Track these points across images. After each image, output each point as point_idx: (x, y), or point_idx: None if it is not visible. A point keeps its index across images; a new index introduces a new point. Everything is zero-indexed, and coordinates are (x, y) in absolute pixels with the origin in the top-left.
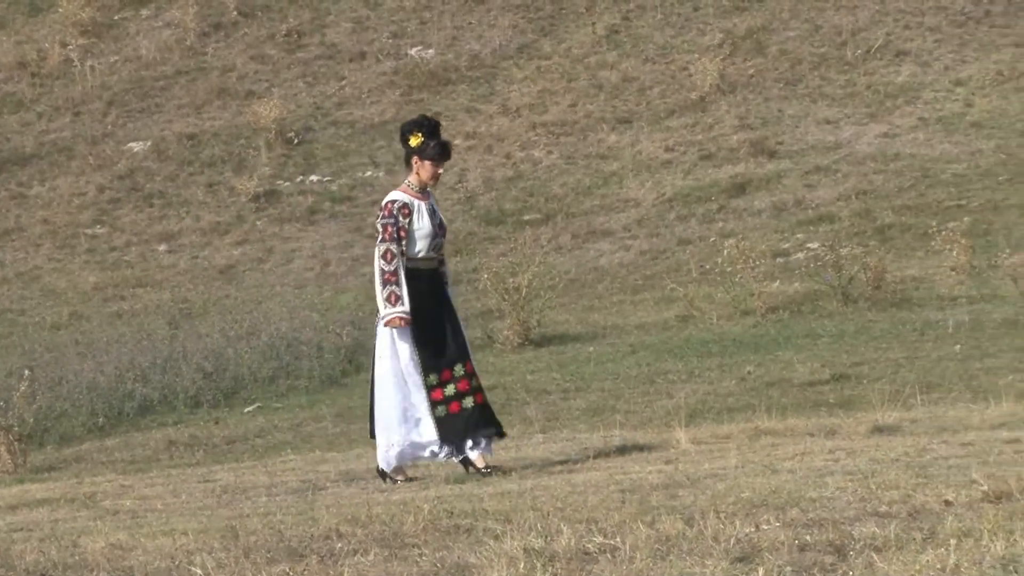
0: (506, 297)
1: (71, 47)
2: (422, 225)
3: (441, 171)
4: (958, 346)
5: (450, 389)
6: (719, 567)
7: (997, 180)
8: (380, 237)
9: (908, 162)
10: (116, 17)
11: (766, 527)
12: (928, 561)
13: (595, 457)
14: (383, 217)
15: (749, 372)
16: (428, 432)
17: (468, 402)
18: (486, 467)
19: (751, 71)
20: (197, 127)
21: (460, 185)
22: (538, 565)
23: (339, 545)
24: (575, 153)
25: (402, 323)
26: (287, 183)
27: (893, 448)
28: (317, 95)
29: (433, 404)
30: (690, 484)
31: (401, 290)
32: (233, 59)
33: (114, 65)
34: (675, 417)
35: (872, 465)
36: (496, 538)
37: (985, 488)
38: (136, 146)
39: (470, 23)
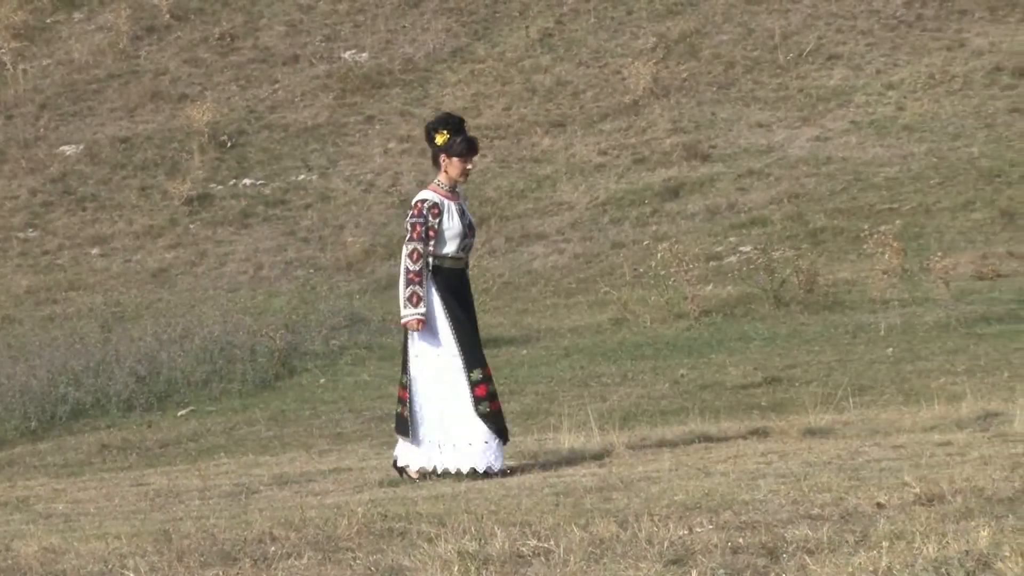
0: None
1: (3, 50)
2: (452, 225)
3: (470, 167)
4: (890, 349)
5: (492, 386)
6: (653, 570)
7: (928, 183)
8: (408, 236)
9: (840, 165)
10: (48, 20)
11: (699, 530)
12: (860, 563)
13: (529, 460)
14: (413, 216)
15: (682, 375)
16: (479, 432)
17: (499, 402)
18: (506, 467)
19: (684, 75)
20: (130, 130)
21: (394, 188)
22: (472, 568)
23: (272, 548)
24: (509, 157)
25: (419, 325)
26: (220, 186)
27: (825, 451)
28: (250, 98)
29: (477, 401)
30: (624, 487)
31: (423, 291)
32: (166, 62)
33: (46, 68)
34: (609, 420)
35: (804, 468)
36: (430, 541)
37: (917, 490)
38: (69, 149)
39: (404, 27)
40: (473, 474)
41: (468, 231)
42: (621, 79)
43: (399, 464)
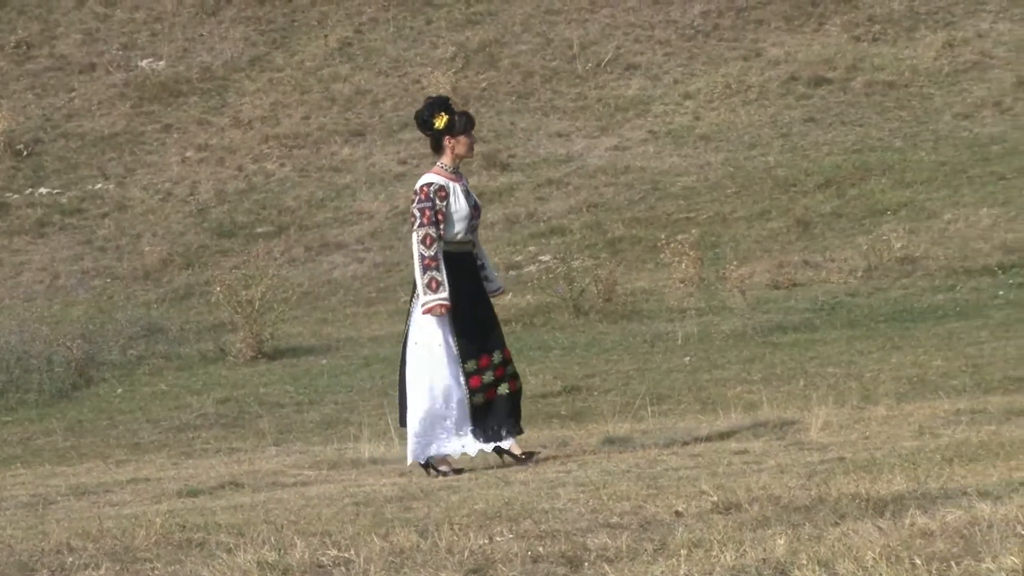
0: (239, 310)
1: None
2: (459, 207)
3: (475, 141)
4: (687, 358)
5: (488, 376)
6: None
7: (725, 193)
8: (418, 222)
9: (638, 175)
10: None
11: (499, 539)
12: (659, 572)
13: (329, 470)
14: (420, 201)
15: None
16: (463, 421)
17: (503, 389)
18: (523, 453)
19: (483, 84)
20: None
21: (192, 197)
22: None
23: (70, 559)
24: (308, 166)
25: (443, 311)
26: (16, 195)
27: (624, 459)
28: (46, 107)
29: (472, 392)
30: (424, 496)
31: (442, 275)
32: None
33: None
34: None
35: (604, 476)
36: (229, 552)
37: (715, 499)
38: None
39: (201, 35)
40: (499, 451)
41: (474, 212)
42: (420, 88)
43: (420, 462)
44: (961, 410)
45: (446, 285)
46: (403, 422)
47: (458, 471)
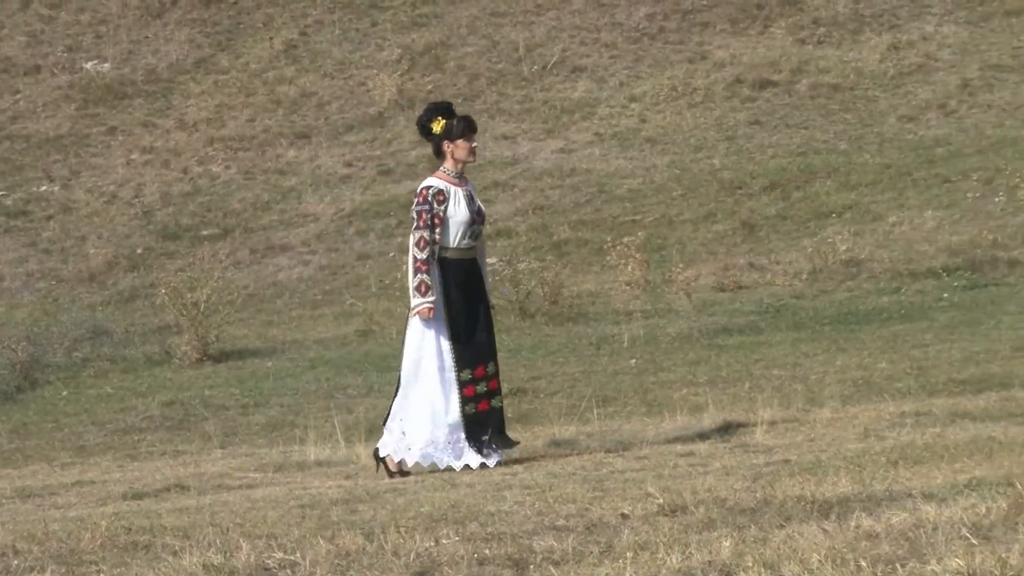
0: (184, 312)
1: None
2: (458, 212)
3: (475, 145)
4: (633, 360)
5: (482, 387)
6: None
7: (671, 195)
8: (415, 224)
9: (584, 177)
10: None
11: (446, 541)
12: (605, 574)
13: (274, 472)
14: (418, 204)
15: None
16: (456, 430)
17: (496, 402)
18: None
19: (429, 87)
20: None
21: (137, 200)
22: None
23: (15, 562)
24: (253, 168)
25: (430, 314)
26: None
27: (570, 462)
28: None
29: (464, 400)
30: (370, 499)
31: (432, 279)
32: None
33: None
34: (355, 432)
35: (550, 479)
36: (175, 554)
37: (660, 501)
38: None
39: (146, 37)
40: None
41: (476, 217)
42: (366, 91)
43: (379, 455)
44: (906, 412)
45: (435, 289)
46: (385, 421)
47: (405, 474)
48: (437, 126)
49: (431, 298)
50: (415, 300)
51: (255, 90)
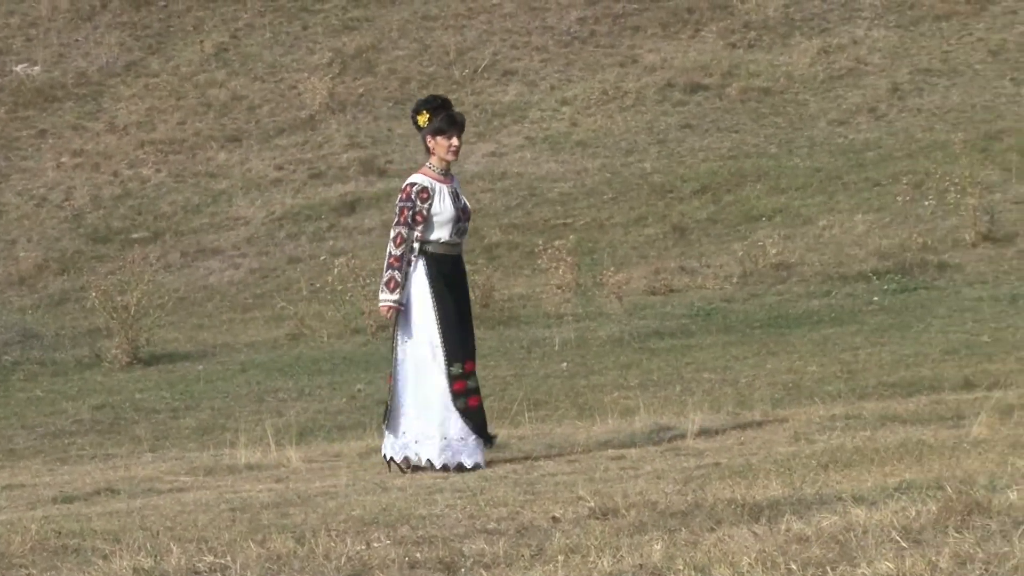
0: (114, 315)
1: None
2: (443, 209)
3: (457, 143)
4: (564, 363)
5: (472, 382)
6: None
7: (602, 199)
8: (395, 220)
9: (515, 181)
10: None
11: (377, 545)
12: None
13: (205, 476)
14: (400, 200)
15: (359, 390)
16: (454, 427)
17: (479, 398)
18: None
19: (360, 90)
20: None
21: (67, 203)
22: None
23: None
24: (184, 171)
25: (390, 312)
26: None
27: (501, 465)
28: None
29: (455, 396)
30: (301, 502)
31: (402, 276)
32: None
33: None
34: (286, 435)
35: (481, 482)
36: (105, 558)
37: (592, 504)
38: None
39: (77, 40)
40: (445, 468)
41: (462, 215)
42: (297, 94)
43: (387, 456)
44: (836, 416)
45: (403, 287)
46: (384, 421)
47: (416, 470)
48: (422, 119)
49: (396, 296)
50: (382, 295)
51: (186, 93)
